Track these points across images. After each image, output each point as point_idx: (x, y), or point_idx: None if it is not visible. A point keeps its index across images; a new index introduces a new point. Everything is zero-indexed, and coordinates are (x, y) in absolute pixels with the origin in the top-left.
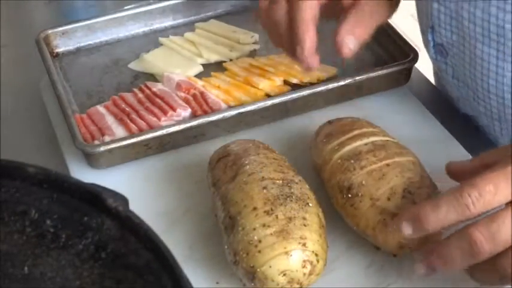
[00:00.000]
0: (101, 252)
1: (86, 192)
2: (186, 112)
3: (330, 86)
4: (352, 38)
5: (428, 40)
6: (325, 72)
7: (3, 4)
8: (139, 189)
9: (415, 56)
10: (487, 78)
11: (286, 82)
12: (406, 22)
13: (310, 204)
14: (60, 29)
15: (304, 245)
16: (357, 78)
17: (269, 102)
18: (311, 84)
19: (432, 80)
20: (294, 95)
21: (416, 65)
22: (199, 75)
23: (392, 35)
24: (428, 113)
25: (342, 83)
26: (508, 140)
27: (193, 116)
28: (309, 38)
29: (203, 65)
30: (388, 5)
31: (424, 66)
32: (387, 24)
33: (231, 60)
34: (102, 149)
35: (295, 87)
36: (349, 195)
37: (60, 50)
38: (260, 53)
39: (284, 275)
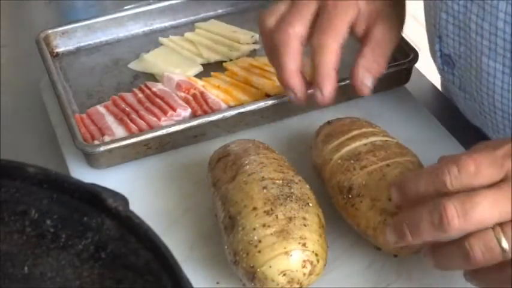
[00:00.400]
0: (101, 252)
1: (85, 192)
2: (186, 112)
3: None
4: (368, 76)
5: (436, 50)
6: None
7: (3, 4)
8: (140, 189)
9: (415, 56)
10: (492, 92)
11: None
12: (406, 22)
13: (310, 204)
14: (60, 29)
15: (304, 245)
16: None
17: (269, 102)
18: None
19: (432, 80)
20: None
21: (416, 65)
22: (199, 75)
23: None
24: (428, 113)
25: (341, 83)
26: None
27: (193, 116)
28: (329, 84)
29: (203, 65)
30: (398, 28)
31: (424, 66)
32: None
33: (231, 60)
34: (102, 149)
35: None
36: (350, 196)
37: (60, 50)
38: (260, 53)
39: (284, 275)
